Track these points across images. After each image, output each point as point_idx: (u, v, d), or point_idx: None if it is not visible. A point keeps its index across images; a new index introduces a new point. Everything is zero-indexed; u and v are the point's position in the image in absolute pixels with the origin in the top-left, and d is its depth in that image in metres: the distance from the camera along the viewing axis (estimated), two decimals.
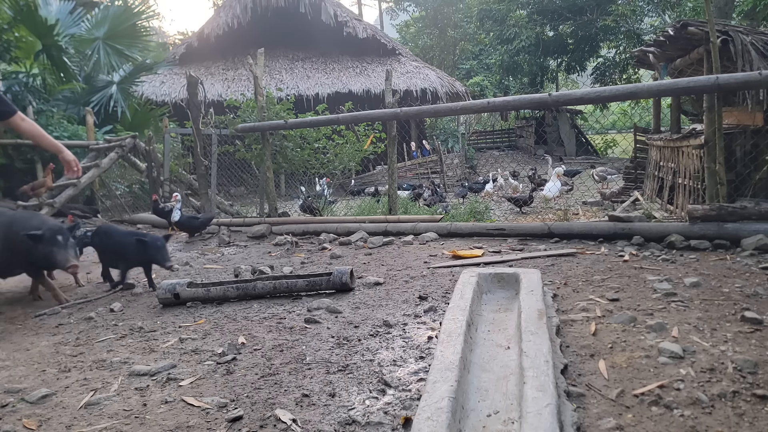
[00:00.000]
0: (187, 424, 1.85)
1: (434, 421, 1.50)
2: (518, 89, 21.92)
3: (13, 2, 7.83)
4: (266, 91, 6.70)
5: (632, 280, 2.96)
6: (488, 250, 4.01)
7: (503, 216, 8.85)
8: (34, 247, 3.26)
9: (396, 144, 5.52)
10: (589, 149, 20.88)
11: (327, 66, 15.71)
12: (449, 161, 15.44)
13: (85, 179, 7.34)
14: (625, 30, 18.75)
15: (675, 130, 7.09)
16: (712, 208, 3.68)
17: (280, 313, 3.03)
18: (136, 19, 9.64)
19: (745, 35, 5.29)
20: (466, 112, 6.20)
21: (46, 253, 3.28)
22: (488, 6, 21.18)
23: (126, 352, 2.61)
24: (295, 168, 7.37)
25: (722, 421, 1.57)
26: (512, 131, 23.43)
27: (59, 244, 3.31)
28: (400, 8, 29.37)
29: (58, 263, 3.33)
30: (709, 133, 4.17)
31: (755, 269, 2.95)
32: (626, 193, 9.08)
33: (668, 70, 7.16)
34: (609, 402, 1.73)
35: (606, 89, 4.12)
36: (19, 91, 8.16)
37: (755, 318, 2.20)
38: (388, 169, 5.60)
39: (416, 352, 2.33)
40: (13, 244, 3.34)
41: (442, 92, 15.19)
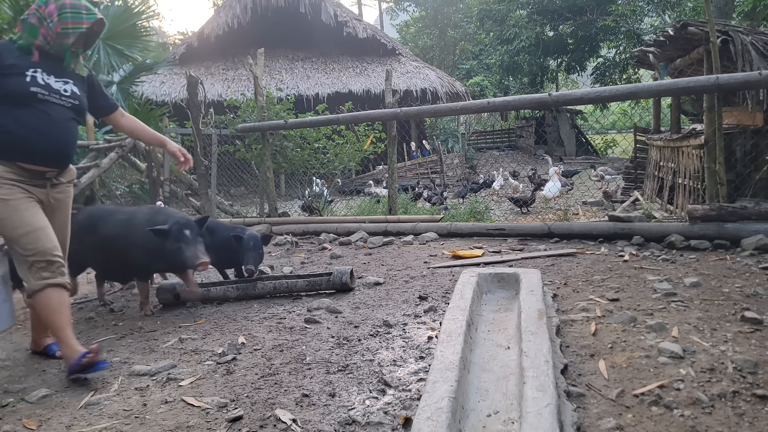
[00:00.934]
0: (187, 424, 1.85)
1: (434, 421, 1.50)
2: (518, 89, 21.90)
3: (13, 2, 7.83)
4: (266, 91, 6.70)
5: (632, 280, 2.96)
6: (488, 250, 4.01)
7: (503, 216, 8.85)
8: (159, 245, 2.92)
9: (396, 144, 5.52)
10: (589, 149, 20.87)
11: (327, 66, 15.71)
12: (449, 161, 15.44)
13: (85, 179, 7.33)
14: (625, 30, 18.74)
15: (675, 130, 7.08)
16: (712, 208, 3.68)
17: (280, 313, 3.04)
18: (136, 19, 9.63)
19: (745, 35, 5.29)
20: (466, 112, 6.21)
21: (173, 250, 2.90)
22: (488, 6, 21.18)
23: (126, 352, 2.61)
24: (295, 168, 7.37)
25: (722, 421, 1.57)
26: (512, 131, 23.43)
27: (187, 240, 2.92)
28: (400, 8, 29.37)
29: (186, 261, 2.92)
30: (709, 133, 4.17)
31: (755, 269, 2.95)
32: (626, 193, 9.08)
33: (668, 70, 7.16)
34: (609, 402, 1.73)
35: (606, 89, 4.12)
36: None
37: (755, 318, 2.20)
38: (388, 169, 5.60)
39: (416, 352, 2.33)
40: (134, 242, 3.03)
41: (442, 92, 15.18)
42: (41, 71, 2.34)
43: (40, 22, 2.32)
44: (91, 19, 2.38)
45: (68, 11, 2.31)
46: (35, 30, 2.32)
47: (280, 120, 6.13)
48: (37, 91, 2.30)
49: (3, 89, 2.27)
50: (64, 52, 2.39)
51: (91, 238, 3.14)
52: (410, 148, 15.68)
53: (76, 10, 2.33)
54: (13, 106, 2.28)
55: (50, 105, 2.35)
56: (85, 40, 2.49)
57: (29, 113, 2.30)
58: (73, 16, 2.33)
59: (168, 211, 3.28)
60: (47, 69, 2.37)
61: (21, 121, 2.28)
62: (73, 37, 2.36)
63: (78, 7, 2.34)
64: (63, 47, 2.37)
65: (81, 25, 2.36)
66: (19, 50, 2.34)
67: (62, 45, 2.35)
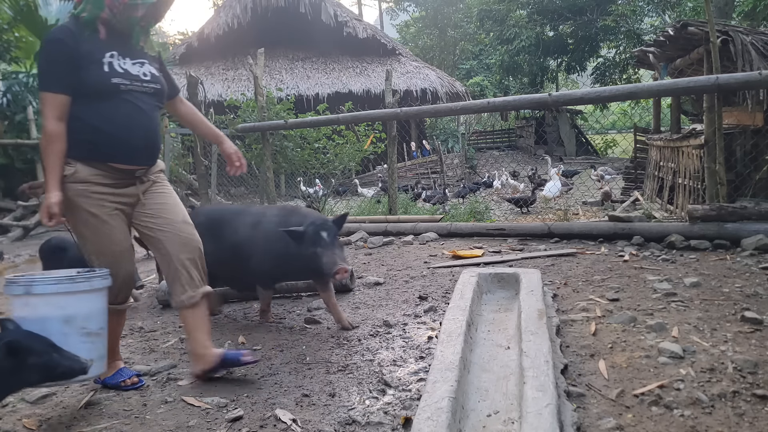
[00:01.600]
0: (187, 424, 1.85)
1: (434, 421, 1.50)
2: (518, 89, 21.88)
3: (13, 2, 7.83)
4: (266, 91, 6.70)
5: (632, 280, 2.96)
6: (488, 250, 4.01)
7: (503, 216, 8.85)
8: (294, 249, 2.55)
9: (396, 144, 5.52)
10: (589, 149, 20.86)
11: (327, 66, 15.71)
12: (449, 161, 15.43)
13: None
14: (625, 30, 18.73)
15: (675, 130, 7.08)
16: (712, 208, 3.68)
17: (280, 313, 3.04)
18: None
19: (745, 35, 5.29)
20: (466, 112, 6.20)
21: (308, 255, 2.50)
22: (488, 6, 21.16)
23: (126, 352, 2.61)
24: (295, 168, 7.37)
25: (722, 421, 1.57)
26: (512, 131, 23.42)
27: (325, 244, 2.51)
28: (400, 8, 29.35)
29: (323, 268, 2.49)
30: (709, 133, 4.17)
31: (755, 269, 2.95)
32: (626, 193, 9.08)
33: (668, 70, 7.16)
34: (609, 402, 1.73)
35: (606, 89, 4.12)
36: (19, 91, 8.16)
37: (755, 318, 2.20)
38: (388, 169, 5.60)
39: (416, 352, 2.33)
40: (262, 247, 2.68)
41: (442, 92, 15.18)
42: (117, 54, 2.04)
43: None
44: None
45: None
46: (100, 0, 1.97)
47: (280, 120, 6.13)
48: (119, 83, 2.02)
49: (84, 85, 1.98)
50: (132, 27, 2.06)
51: (212, 241, 2.67)
52: (410, 148, 15.67)
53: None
54: (96, 101, 2.00)
55: (134, 95, 2.07)
56: (155, 13, 2.12)
57: (115, 107, 2.02)
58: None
59: (302, 210, 2.89)
60: (120, 50, 2.05)
61: (108, 117, 2.01)
62: (143, 9, 2.02)
63: None
64: (131, 21, 2.03)
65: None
66: (85, 26, 2.00)
67: (130, 18, 2.02)
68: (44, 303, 1.79)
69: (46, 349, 1.63)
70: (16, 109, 8.09)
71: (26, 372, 1.59)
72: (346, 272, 2.49)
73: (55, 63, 1.96)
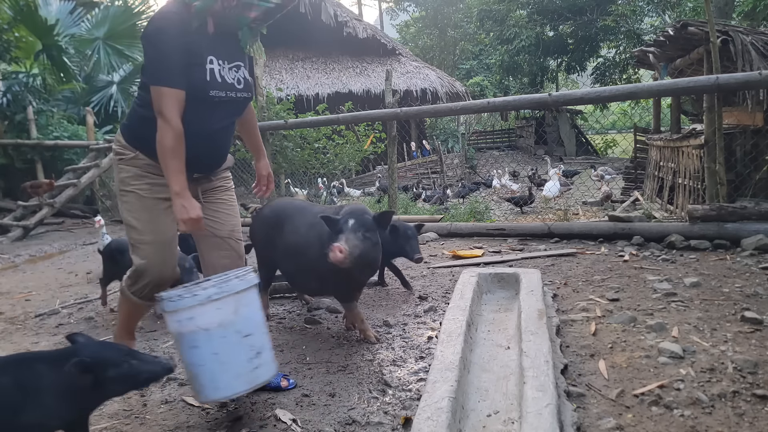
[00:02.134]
0: (187, 424, 1.85)
1: (434, 421, 1.50)
2: (518, 89, 21.89)
3: (13, 2, 7.83)
4: (266, 91, 6.71)
5: (632, 280, 2.96)
6: (488, 250, 4.01)
7: (503, 216, 8.85)
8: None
9: (396, 144, 5.52)
10: (589, 149, 20.87)
11: (327, 66, 15.70)
12: (449, 161, 15.43)
13: (85, 179, 7.34)
14: (625, 30, 18.74)
15: (675, 130, 7.08)
16: (712, 208, 3.68)
17: (281, 313, 3.03)
18: (136, 19, 9.64)
19: (745, 35, 5.29)
20: (466, 112, 6.20)
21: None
22: (488, 6, 21.17)
23: None
24: (295, 168, 7.37)
25: (722, 421, 1.57)
26: (512, 131, 23.42)
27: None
28: (400, 8, 29.35)
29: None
30: (709, 133, 4.17)
31: (755, 269, 2.95)
32: (626, 193, 9.08)
33: (668, 70, 7.16)
34: (609, 402, 1.73)
35: (606, 89, 4.12)
36: (19, 91, 8.15)
37: (755, 318, 2.20)
38: (388, 169, 5.60)
39: (416, 352, 2.33)
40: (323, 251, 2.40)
41: (442, 92, 15.17)
42: (217, 59, 1.85)
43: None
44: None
45: None
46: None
47: (280, 120, 6.13)
48: (215, 95, 1.86)
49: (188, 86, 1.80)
50: (240, 27, 1.87)
51: (277, 239, 2.58)
52: (410, 148, 15.66)
53: None
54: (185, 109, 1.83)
55: (224, 106, 1.93)
56: (267, 16, 1.90)
57: (200, 123, 1.87)
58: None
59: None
60: (221, 52, 1.87)
61: (189, 132, 1.83)
62: (257, 11, 1.82)
63: None
64: (241, 21, 1.84)
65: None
66: (195, 16, 1.79)
67: (240, 18, 1.83)
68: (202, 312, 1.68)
69: (123, 358, 1.54)
70: (16, 109, 8.09)
71: (108, 384, 1.51)
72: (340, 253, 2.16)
73: (171, 54, 1.77)
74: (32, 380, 1.44)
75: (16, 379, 1.44)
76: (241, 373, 1.71)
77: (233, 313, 1.71)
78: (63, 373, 1.43)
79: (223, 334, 1.68)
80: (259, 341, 1.76)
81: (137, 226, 1.93)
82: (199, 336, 1.67)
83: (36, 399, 1.43)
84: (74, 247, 5.82)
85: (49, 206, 6.89)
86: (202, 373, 1.69)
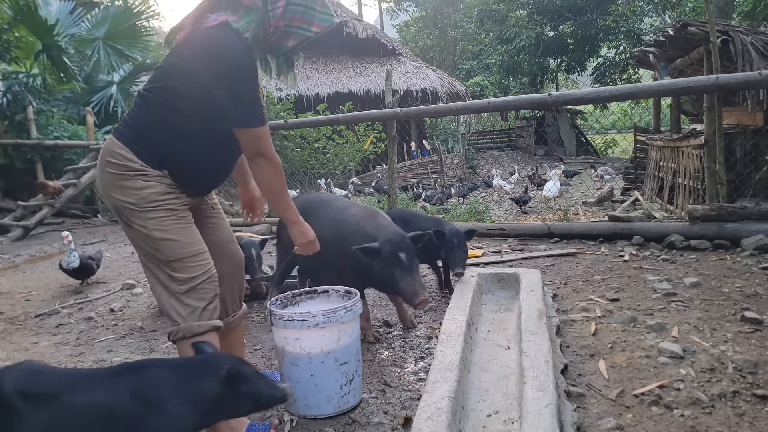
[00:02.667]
0: None
1: (434, 421, 1.50)
2: (518, 89, 21.89)
3: (13, 2, 7.83)
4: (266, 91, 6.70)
5: (632, 280, 2.96)
6: (488, 250, 4.01)
7: (503, 216, 8.86)
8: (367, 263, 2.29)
9: (396, 144, 5.52)
10: (589, 149, 20.88)
11: (327, 66, 15.70)
12: (449, 161, 15.43)
13: (85, 179, 7.34)
14: (625, 30, 18.74)
15: (675, 130, 7.09)
16: (712, 208, 3.68)
17: None
18: (136, 19, 9.64)
19: (745, 35, 5.29)
20: (466, 112, 6.20)
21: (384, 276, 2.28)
22: (488, 6, 21.17)
23: (126, 352, 2.61)
24: (295, 168, 7.37)
25: (722, 421, 1.57)
26: (512, 131, 23.42)
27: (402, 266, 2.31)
28: (400, 8, 29.34)
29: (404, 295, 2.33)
30: (709, 133, 4.17)
31: (755, 269, 2.95)
32: (626, 193, 9.08)
33: (668, 70, 7.16)
34: (609, 402, 1.73)
35: (606, 89, 4.12)
36: (19, 91, 8.15)
37: (755, 318, 2.20)
38: (388, 169, 5.60)
39: (416, 352, 2.33)
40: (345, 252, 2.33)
41: (442, 92, 15.17)
42: None
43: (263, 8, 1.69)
44: (325, 22, 1.77)
45: (301, 4, 1.71)
46: (262, 18, 1.69)
47: (280, 120, 6.13)
48: None
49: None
50: (277, 55, 1.81)
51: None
52: (410, 148, 15.67)
53: (308, 5, 1.72)
54: (214, 142, 1.73)
55: None
56: (303, 46, 1.82)
57: (229, 151, 1.81)
58: (303, 12, 1.72)
59: (379, 220, 2.45)
60: None
61: (210, 167, 1.79)
62: (295, 40, 1.76)
63: (313, 2, 1.73)
64: (278, 49, 1.78)
65: (310, 26, 1.74)
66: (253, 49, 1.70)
67: (278, 46, 1.76)
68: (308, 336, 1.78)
69: (255, 374, 1.43)
70: (16, 109, 8.09)
71: (236, 400, 1.39)
72: (426, 303, 2.21)
73: (257, 91, 1.71)
74: (157, 390, 1.32)
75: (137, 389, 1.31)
76: (332, 398, 1.83)
77: (336, 342, 1.81)
78: (192, 383, 1.34)
79: (322, 360, 1.80)
80: (352, 369, 1.87)
81: (179, 238, 1.67)
82: (301, 357, 1.79)
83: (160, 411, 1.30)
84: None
85: (49, 206, 6.89)
86: (297, 389, 1.81)
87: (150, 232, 1.65)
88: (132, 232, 1.68)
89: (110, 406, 1.29)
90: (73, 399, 1.27)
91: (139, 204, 1.64)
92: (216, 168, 1.84)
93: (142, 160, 1.66)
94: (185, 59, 1.64)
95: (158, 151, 1.68)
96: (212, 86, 1.61)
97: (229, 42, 1.62)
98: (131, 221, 1.65)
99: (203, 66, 1.60)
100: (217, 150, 1.77)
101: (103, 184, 1.70)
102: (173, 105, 1.66)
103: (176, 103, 1.66)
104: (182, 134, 1.68)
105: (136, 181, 1.64)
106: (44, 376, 1.32)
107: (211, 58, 1.60)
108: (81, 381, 1.34)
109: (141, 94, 1.72)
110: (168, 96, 1.66)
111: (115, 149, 1.67)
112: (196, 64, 1.61)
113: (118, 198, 1.65)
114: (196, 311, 1.67)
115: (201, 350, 1.48)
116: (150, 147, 1.67)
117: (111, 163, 1.65)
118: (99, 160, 1.72)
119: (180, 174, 1.70)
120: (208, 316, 1.69)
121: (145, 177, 1.66)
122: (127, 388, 1.31)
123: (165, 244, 1.65)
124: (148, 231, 1.65)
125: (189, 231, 1.71)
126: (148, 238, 1.65)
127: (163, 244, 1.65)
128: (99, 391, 1.30)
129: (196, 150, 1.71)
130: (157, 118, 1.68)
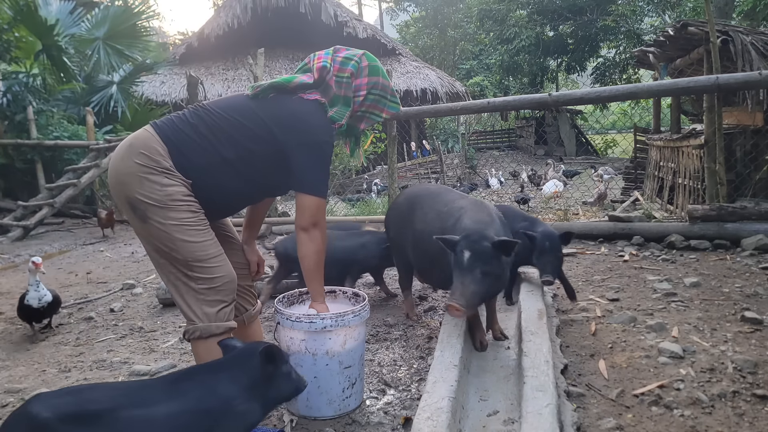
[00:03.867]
0: None
1: (434, 421, 1.50)
2: (518, 89, 21.89)
3: (13, 2, 7.82)
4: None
5: (632, 280, 2.96)
6: None
7: None
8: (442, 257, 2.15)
9: (396, 144, 5.52)
10: (589, 149, 20.88)
11: None
12: (449, 161, 15.43)
13: (85, 179, 7.34)
14: (625, 30, 18.74)
15: (675, 130, 7.08)
16: (712, 208, 3.68)
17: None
18: (136, 19, 9.63)
19: (745, 35, 5.29)
20: (466, 112, 6.20)
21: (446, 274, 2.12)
22: (488, 6, 21.17)
23: (126, 352, 2.61)
24: None
25: (722, 421, 1.57)
26: (512, 131, 23.42)
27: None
28: (400, 8, 29.33)
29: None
30: (709, 133, 4.17)
31: (755, 269, 2.95)
32: (626, 193, 9.07)
33: (668, 70, 7.15)
34: (609, 402, 1.73)
35: (606, 89, 4.12)
36: (19, 91, 8.15)
37: (755, 318, 2.20)
38: (388, 169, 5.60)
39: (416, 352, 2.33)
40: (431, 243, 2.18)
41: (442, 92, 15.17)
42: None
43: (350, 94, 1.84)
44: (393, 110, 1.94)
45: (377, 93, 1.88)
46: (349, 102, 1.83)
47: None
48: None
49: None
50: (349, 137, 1.99)
51: (407, 228, 2.47)
52: (410, 148, 15.67)
53: (383, 94, 1.89)
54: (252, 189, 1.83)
55: None
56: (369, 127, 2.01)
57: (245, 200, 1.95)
58: (378, 100, 1.89)
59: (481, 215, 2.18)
60: None
61: (230, 202, 1.85)
62: (367, 124, 1.95)
63: (386, 92, 1.90)
64: (351, 131, 1.95)
65: (381, 113, 1.92)
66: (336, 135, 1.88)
67: (352, 128, 1.94)
68: (314, 338, 1.78)
69: (287, 359, 1.47)
70: (16, 109, 8.08)
71: (281, 380, 1.42)
72: (461, 313, 1.92)
73: (329, 168, 1.83)
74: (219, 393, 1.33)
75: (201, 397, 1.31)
76: (334, 400, 1.82)
77: (341, 345, 1.81)
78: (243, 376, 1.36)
79: (327, 362, 1.80)
80: (355, 373, 1.87)
81: (199, 240, 1.66)
82: (305, 358, 1.79)
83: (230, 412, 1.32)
84: (74, 247, 5.82)
85: (49, 206, 6.89)
86: None
87: (169, 231, 1.63)
88: (146, 228, 1.64)
89: (178, 417, 1.27)
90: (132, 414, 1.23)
91: (162, 201, 1.62)
92: (232, 207, 1.90)
93: (173, 162, 1.67)
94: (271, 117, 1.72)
95: (195, 164, 1.69)
96: (294, 151, 1.72)
97: (322, 120, 1.77)
98: (148, 216, 1.62)
99: (290, 131, 1.72)
100: (246, 195, 1.86)
101: (123, 172, 1.65)
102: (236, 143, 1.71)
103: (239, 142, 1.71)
104: (226, 170, 1.72)
105: (162, 178, 1.63)
106: (89, 393, 1.28)
107: (302, 125, 1.73)
108: (134, 395, 1.30)
109: (200, 112, 1.73)
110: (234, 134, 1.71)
111: (152, 144, 1.66)
112: (282, 127, 1.72)
113: (138, 191, 1.62)
114: (214, 312, 1.66)
115: (230, 346, 1.47)
116: (189, 158, 1.68)
117: (142, 155, 1.63)
118: (126, 148, 1.67)
119: (200, 192, 1.71)
120: (224, 317, 1.68)
121: (171, 176, 1.65)
122: (191, 397, 1.30)
123: (184, 246, 1.63)
124: (166, 229, 1.62)
125: (208, 233, 1.71)
126: (167, 236, 1.63)
127: (181, 245, 1.63)
128: (161, 405, 1.27)
129: (230, 187, 1.75)
130: (209, 144, 1.70)
